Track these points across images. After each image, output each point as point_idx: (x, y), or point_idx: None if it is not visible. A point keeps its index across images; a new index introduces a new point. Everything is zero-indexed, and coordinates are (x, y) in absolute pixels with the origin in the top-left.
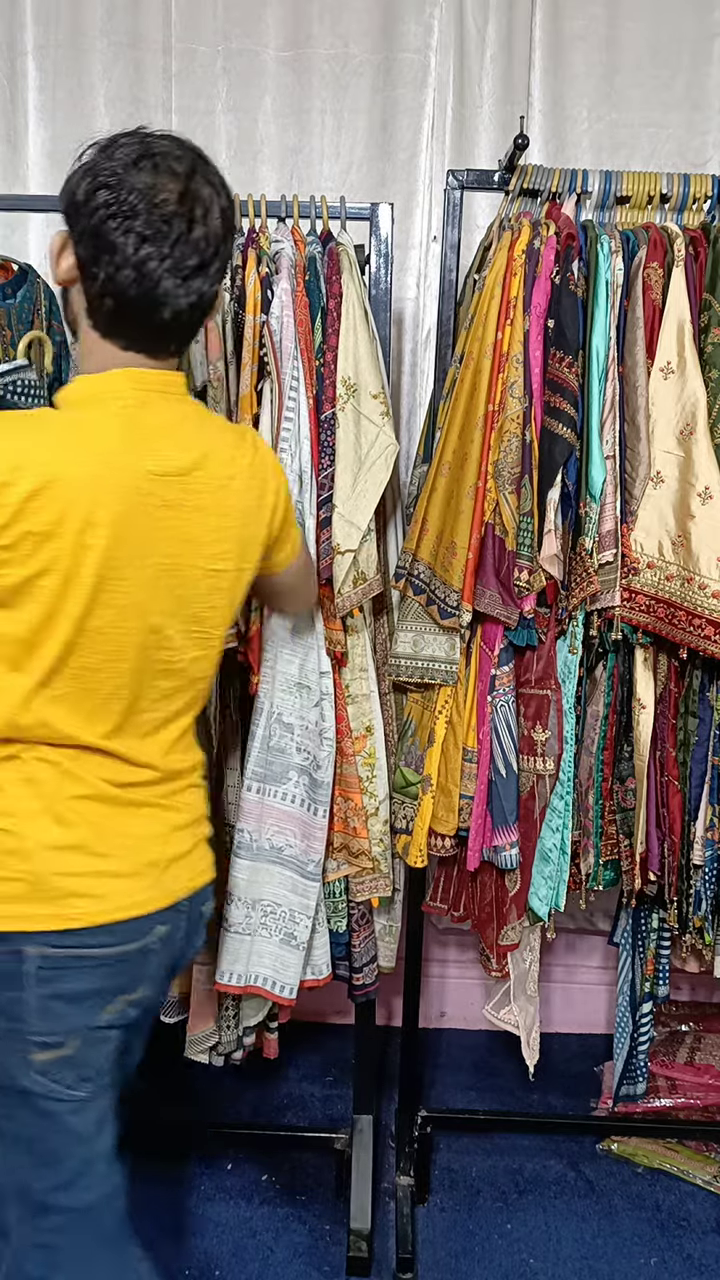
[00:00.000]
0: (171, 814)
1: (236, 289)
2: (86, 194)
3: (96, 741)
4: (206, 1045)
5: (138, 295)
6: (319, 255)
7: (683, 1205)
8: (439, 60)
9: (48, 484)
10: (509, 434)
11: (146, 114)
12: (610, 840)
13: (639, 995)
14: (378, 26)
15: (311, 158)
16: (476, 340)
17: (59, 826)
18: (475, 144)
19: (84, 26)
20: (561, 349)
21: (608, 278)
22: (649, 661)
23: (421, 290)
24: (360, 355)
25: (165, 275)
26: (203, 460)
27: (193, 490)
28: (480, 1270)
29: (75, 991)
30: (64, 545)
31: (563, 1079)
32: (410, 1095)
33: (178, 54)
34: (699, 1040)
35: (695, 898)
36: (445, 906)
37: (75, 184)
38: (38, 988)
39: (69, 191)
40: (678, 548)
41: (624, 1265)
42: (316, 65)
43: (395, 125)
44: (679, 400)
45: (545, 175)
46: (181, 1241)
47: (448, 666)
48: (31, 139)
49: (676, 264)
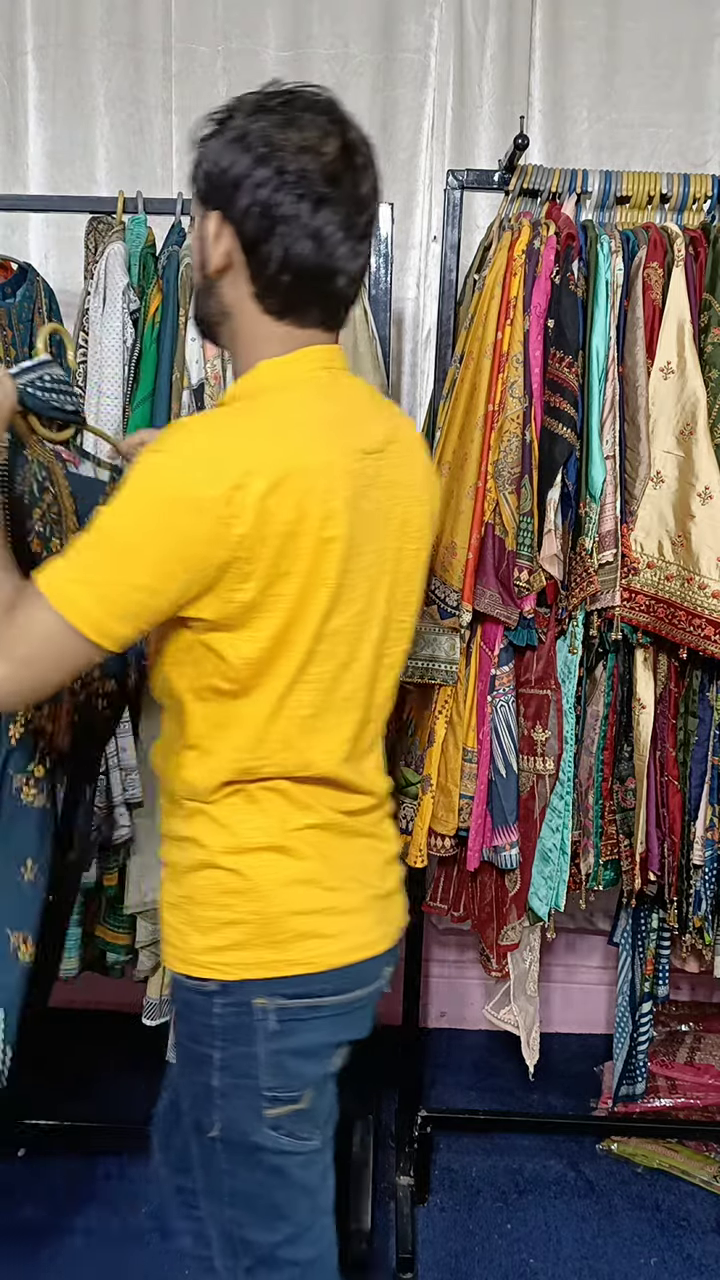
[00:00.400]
0: (384, 844)
1: None
2: (247, 167)
3: (330, 765)
4: None
5: (316, 264)
6: None
7: (683, 1205)
8: (439, 60)
9: (282, 478)
10: (509, 434)
11: (146, 114)
12: (610, 840)
13: (639, 995)
14: (378, 26)
15: None
16: (476, 340)
17: (289, 859)
18: (475, 144)
19: (84, 26)
20: (561, 349)
21: (608, 278)
22: (649, 661)
23: (421, 290)
24: (360, 355)
25: (341, 238)
26: (394, 434)
27: (391, 465)
28: (480, 1270)
29: (310, 1045)
30: (305, 543)
31: (562, 1079)
32: (410, 1095)
33: (178, 54)
34: (699, 1040)
35: (695, 898)
36: (445, 906)
37: (227, 161)
38: (269, 1042)
39: (219, 170)
40: (678, 548)
41: (624, 1265)
42: (316, 65)
43: (395, 125)
44: (679, 400)
45: (545, 175)
46: None
47: (448, 666)
48: (31, 139)
49: (676, 264)
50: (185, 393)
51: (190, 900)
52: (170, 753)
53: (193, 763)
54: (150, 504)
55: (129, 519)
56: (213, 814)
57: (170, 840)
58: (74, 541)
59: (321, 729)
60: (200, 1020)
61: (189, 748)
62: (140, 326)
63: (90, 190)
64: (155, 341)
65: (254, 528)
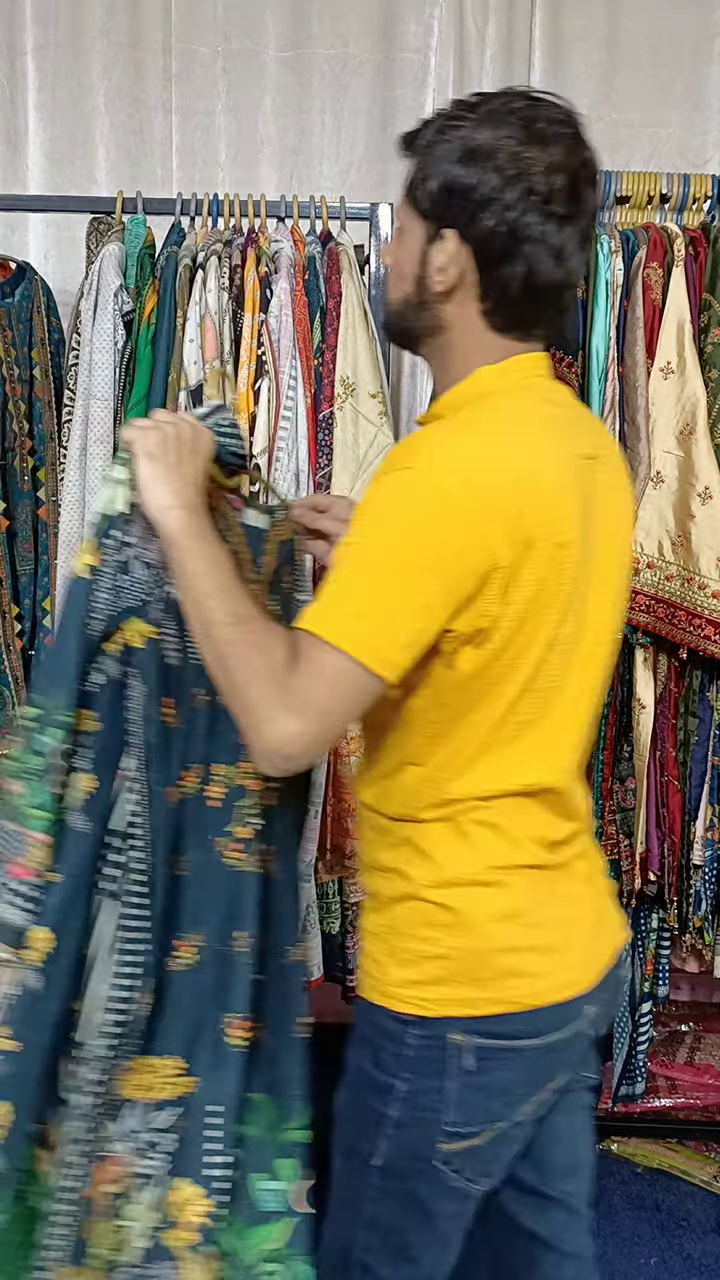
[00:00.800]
0: (590, 871)
1: (235, 288)
2: (496, 188)
3: (550, 779)
4: None
5: (553, 282)
6: (318, 255)
7: (683, 1205)
8: (439, 60)
9: (525, 482)
10: None
11: (146, 114)
12: (610, 840)
13: (639, 995)
14: (378, 26)
15: (311, 158)
16: None
17: (498, 892)
18: None
19: (84, 26)
20: (561, 349)
21: (608, 278)
22: (649, 661)
23: None
24: (359, 355)
25: (577, 252)
26: (601, 440)
27: (604, 471)
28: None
29: (499, 1084)
30: (543, 548)
31: None
32: None
33: (178, 54)
34: (699, 1040)
35: (695, 898)
36: None
37: (471, 179)
38: (460, 1078)
39: (462, 188)
40: (678, 548)
41: (624, 1265)
42: (316, 65)
43: (395, 125)
44: (679, 400)
45: None
46: None
47: None
48: (31, 139)
49: (676, 264)
50: (182, 394)
51: (392, 931)
52: (381, 775)
53: (411, 778)
54: (410, 523)
55: (390, 542)
56: (420, 845)
57: (374, 870)
58: (332, 579)
59: (544, 743)
60: (389, 1049)
61: (407, 764)
62: (135, 328)
63: (90, 190)
64: (150, 343)
65: (506, 534)
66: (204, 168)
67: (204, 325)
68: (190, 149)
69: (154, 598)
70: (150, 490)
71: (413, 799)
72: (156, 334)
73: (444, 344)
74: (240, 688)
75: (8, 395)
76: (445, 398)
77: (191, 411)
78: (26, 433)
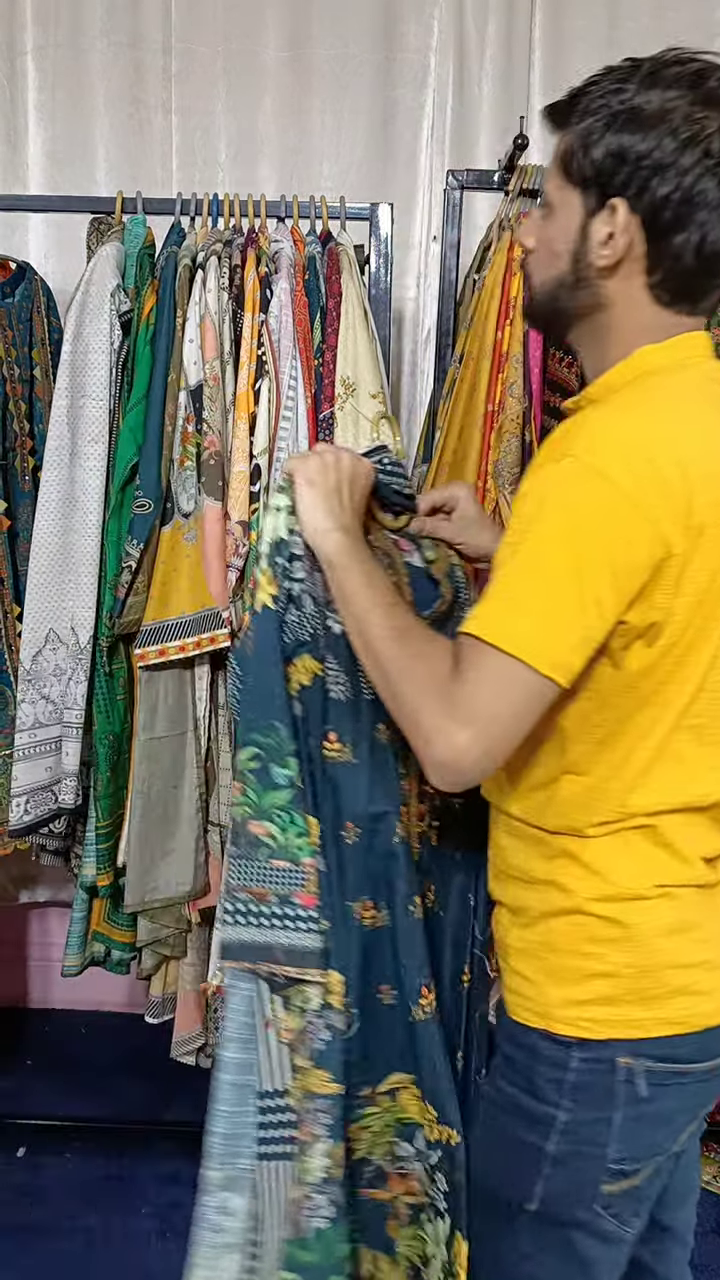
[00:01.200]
0: None
1: (235, 288)
2: (673, 152)
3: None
4: (193, 1047)
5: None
6: (319, 255)
7: None
8: (439, 60)
9: (695, 464)
10: (509, 434)
11: (146, 114)
12: None
13: None
14: (378, 26)
15: (311, 158)
16: (476, 340)
17: (668, 905)
18: (475, 144)
19: (84, 26)
20: (561, 349)
21: None
22: None
23: (421, 290)
24: (359, 355)
25: None
26: None
27: None
28: (481, 1272)
29: (665, 1113)
30: (715, 533)
31: None
32: None
33: (178, 54)
34: None
35: None
36: None
37: (644, 144)
38: (628, 1107)
39: (635, 155)
40: None
41: None
42: (316, 65)
43: (395, 125)
44: None
45: (545, 175)
46: (183, 1240)
47: None
48: (31, 139)
49: None
50: (182, 394)
51: (548, 947)
52: (535, 785)
53: (573, 789)
54: (573, 514)
55: (554, 536)
56: (582, 858)
57: (518, 881)
58: (495, 580)
59: (711, 752)
60: (548, 1074)
61: (567, 773)
62: (133, 328)
63: (90, 190)
64: (149, 343)
65: (679, 520)
66: (204, 168)
67: (204, 325)
68: (190, 149)
69: (320, 632)
70: (309, 514)
71: (576, 811)
72: (156, 334)
73: (602, 324)
74: (406, 702)
75: (8, 395)
76: (601, 380)
77: (355, 447)
78: (27, 433)
